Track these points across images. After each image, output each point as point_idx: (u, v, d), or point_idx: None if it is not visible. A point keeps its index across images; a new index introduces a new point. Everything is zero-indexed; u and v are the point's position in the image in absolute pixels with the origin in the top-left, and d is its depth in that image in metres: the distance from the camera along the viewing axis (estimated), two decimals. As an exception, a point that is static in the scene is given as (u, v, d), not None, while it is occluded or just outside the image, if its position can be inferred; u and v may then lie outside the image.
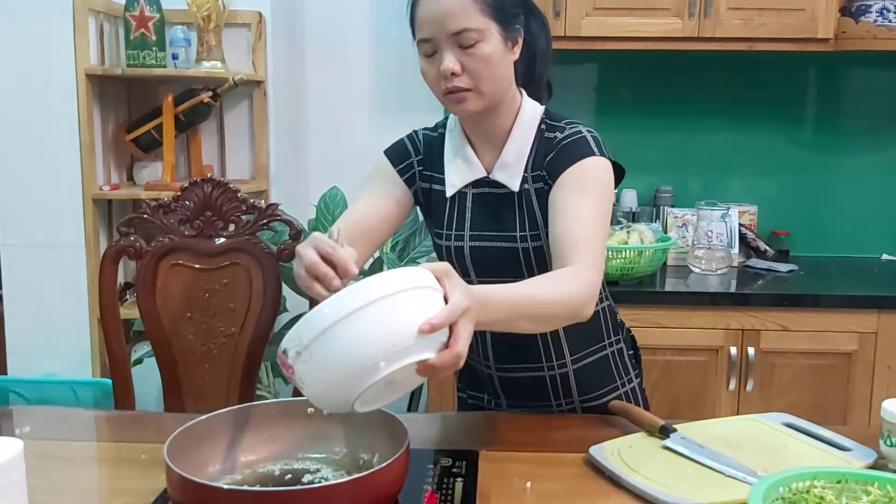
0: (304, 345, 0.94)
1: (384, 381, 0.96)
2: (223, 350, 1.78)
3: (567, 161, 1.31)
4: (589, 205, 1.27)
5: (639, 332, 1.60)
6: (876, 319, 2.30)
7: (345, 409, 0.98)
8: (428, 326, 0.94)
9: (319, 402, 1.02)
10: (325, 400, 1.00)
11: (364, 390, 0.94)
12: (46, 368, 2.53)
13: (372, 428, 1.15)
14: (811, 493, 0.94)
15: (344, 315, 0.93)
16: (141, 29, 2.44)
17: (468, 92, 1.28)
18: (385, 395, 1.01)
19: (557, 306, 1.16)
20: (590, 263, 1.20)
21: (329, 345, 0.93)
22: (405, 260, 2.53)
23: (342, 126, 2.90)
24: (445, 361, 0.96)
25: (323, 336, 0.93)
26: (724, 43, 2.47)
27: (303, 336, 0.94)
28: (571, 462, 1.22)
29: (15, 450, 0.94)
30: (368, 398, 0.98)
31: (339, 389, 0.96)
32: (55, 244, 2.50)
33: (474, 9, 1.24)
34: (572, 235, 1.24)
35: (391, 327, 0.94)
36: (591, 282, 1.19)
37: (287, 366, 0.97)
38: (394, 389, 1.01)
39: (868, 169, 2.82)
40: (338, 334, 0.93)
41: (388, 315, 0.94)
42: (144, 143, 2.58)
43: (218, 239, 1.76)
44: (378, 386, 0.96)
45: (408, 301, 0.96)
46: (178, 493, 1.00)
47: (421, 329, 0.94)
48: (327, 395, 0.98)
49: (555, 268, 1.25)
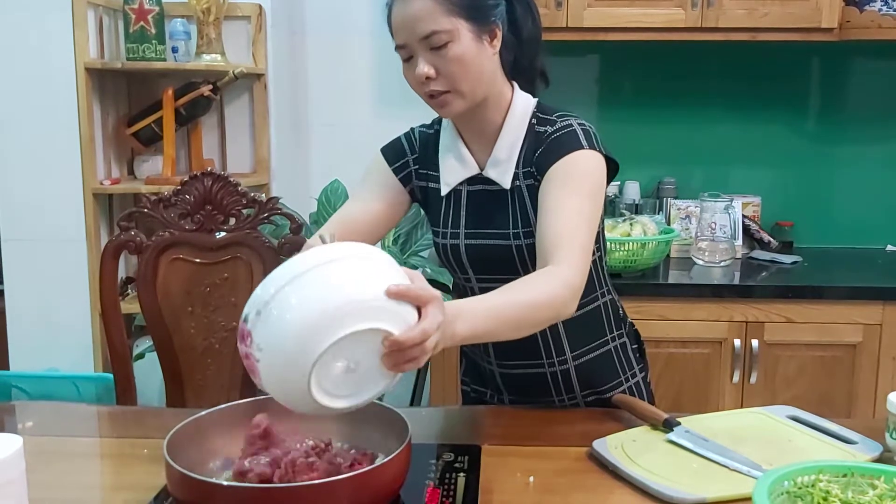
0: (264, 301, 0.91)
1: (345, 362, 0.92)
2: (224, 344, 1.77)
3: (555, 156, 1.28)
4: (574, 200, 1.25)
5: (642, 325, 1.59)
6: (881, 311, 2.28)
7: (301, 387, 0.92)
8: (396, 289, 0.93)
9: (275, 382, 0.94)
10: (281, 376, 0.93)
11: (322, 353, 0.89)
12: (48, 364, 2.53)
13: (373, 422, 1.14)
14: (817, 487, 0.93)
15: (308, 268, 0.91)
16: (140, 22, 2.43)
17: (447, 94, 1.26)
18: (347, 388, 0.96)
19: (536, 310, 1.14)
20: (570, 262, 1.18)
21: (289, 299, 0.90)
22: (407, 254, 2.52)
23: (343, 119, 2.90)
24: (411, 337, 0.93)
25: (282, 291, 0.90)
26: (727, 33, 2.45)
27: (264, 295, 0.91)
28: (575, 456, 1.22)
29: (14, 446, 0.93)
30: (327, 383, 0.93)
31: (297, 351, 0.90)
32: (56, 239, 2.49)
33: (440, 10, 1.22)
34: (555, 233, 1.22)
35: (357, 281, 0.92)
36: (568, 280, 1.17)
37: (246, 334, 0.92)
38: (357, 383, 0.96)
39: (872, 159, 2.81)
40: (297, 288, 0.90)
41: (353, 273, 0.92)
42: (145, 137, 2.57)
43: (218, 233, 1.75)
44: (337, 362, 0.92)
45: (376, 267, 0.95)
46: (177, 489, 0.99)
47: (388, 290, 0.92)
48: (284, 366, 0.91)
49: (538, 266, 1.23)
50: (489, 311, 1.09)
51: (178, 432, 1.07)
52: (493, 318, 1.09)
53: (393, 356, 0.95)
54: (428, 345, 0.95)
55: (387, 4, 1.28)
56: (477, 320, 1.06)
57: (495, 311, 1.10)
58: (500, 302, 1.11)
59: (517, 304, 1.12)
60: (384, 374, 0.97)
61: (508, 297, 1.13)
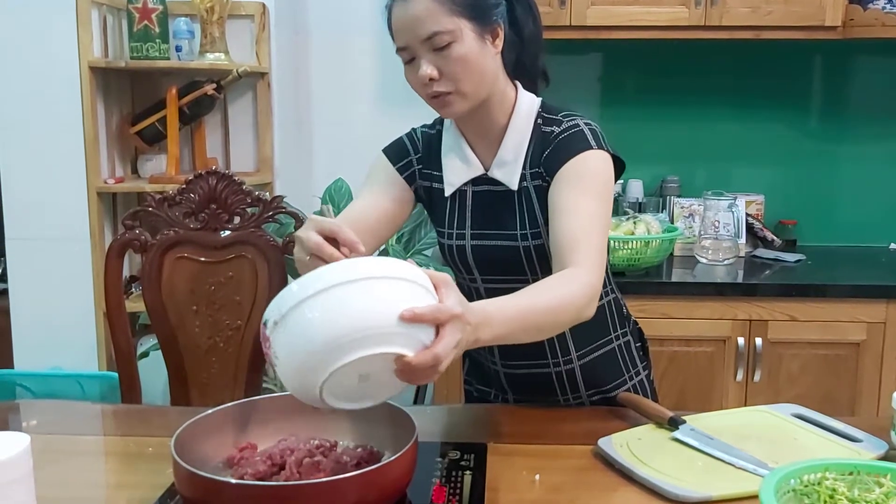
0: (282, 313, 0.92)
1: (357, 374, 0.93)
2: (229, 343, 1.78)
3: (564, 156, 1.28)
4: (587, 201, 1.24)
5: (645, 323, 1.59)
6: (884, 309, 2.28)
7: (313, 394, 0.94)
8: (410, 314, 0.91)
9: (291, 384, 0.96)
10: (295, 381, 0.95)
11: (333, 371, 0.91)
12: (52, 362, 2.53)
13: (380, 421, 1.14)
14: (823, 485, 0.93)
15: (326, 287, 0.91)
16: (144, 21, 2.43)
17: (450, 95, 1.25)
18: (358, 394, 0.98)
19: (558, 313, 1.14)
20: (588, 264, 1.18)
21: (306, 315, 0.90)
22: (411, 252, 2.52)
23: (346, 117, 2.90)
24: (423, 361, 0.92)
25: (300, 306, 0.91)
26: (731, 31, 2.45)
27: (282, 305, 0.92)
28: (580, 454, 1.22)
29: (22, 444, 0.94)
30: (339, 390, 0.95)
31: (309, 367, 0.92)
32: (60, 238, 2.49)
33: (442, 10, 1.21)
34: (570, 235, 1.22)
35: (371, 308, 0.91)
36: (589, 283, 1.17)
37: (265, 338, 0.94)
38: (368, 390, 0.98)
39: (876, 157, 2.81)
40: (315, 305, 0.90)
41: (370, 295, 0.91)
42: (148, 136, 2.58)
43: (223, 232, 1.76)
44: (349, 374, 0.93)
45: (395, 288, 0.93)
46: (185, 487, 0.99)
47: (402, 316, 0.91)
48: (298, 374, 0.93)
49: (554, 268, 1.23)
50: (514, 316, 1.08)
51: (184, 431, 1.07)
52: (518, 322, 1.09)
53: (405, 375, 0.95)
54: (441, 367, 0.95)
55: (386, 7, 1.27)
56: (502, 326, 1.06)
57: (520, 316, 1.09)
58: (524, 307, 1.11)
59: (540, 309, 1.12)
60: (396, 384, 0.98)
61: (532, 301, 1.12)
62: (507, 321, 1.07)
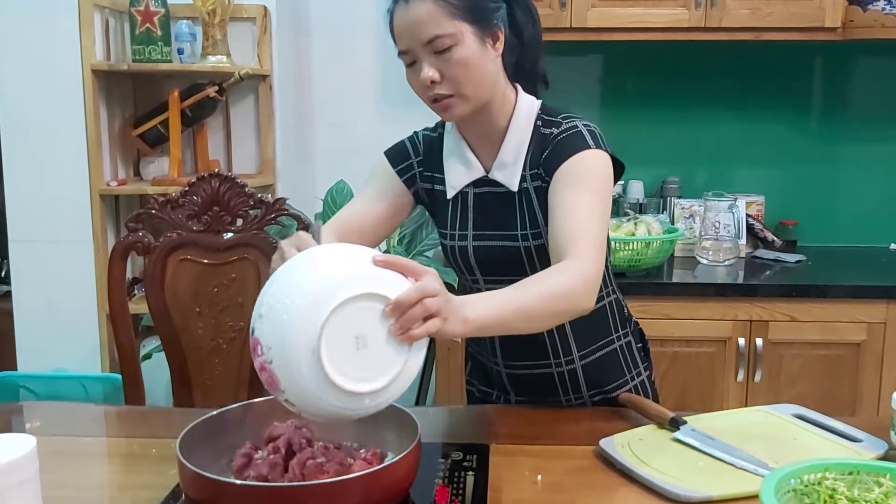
0: (260, 304, 0.96)
1: (352, 335, 0.95)
2: (232, 345, 1.78)
3: (562, 156, 1.29)
4: (585, 199, 1.25)
5: (646, 324, 1.59)
6: (885, 309, 2.29)
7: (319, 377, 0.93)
8: (381, 257, 0.97)
9: (292, 376, 0.94)
10: (296, 369, 0.93)
11: (325, 323, 0.92)
12: (56, 364, 2.54)
13: (383, 422, 1.14)
14: (823, 485, 0.94)
15: (292, 263, 0.98)
16: (146, 24, 2.44)
17: (451, 98, 1.26)
18: (364, 366, 0.96)
19: (551, 300, 1.14)
20: (585, 255, 1.18)
21: (281, 289, 0.96)
22: (412, 253, 2.53)
23: (348, 120, 2.90)
24: (409, 296, 0.96)
25: (273, 285, 0.97)
26: (731, 33, 2.46)
27: (259, 300, 0.97)
28: (582, 455, 1.22)
29: (29, 446, 0.94)
30: (343, 363, 0.94)
31: (301, 332, 0.92)
32: (63, 240, 2.50)
33: (443, 14, 1.22)
34: (569, 231, 1.22)
35: (342, 261, 0.98)
36: (584, 272, 1.17)
37: (255, 346, 0.96)
38: (373, 361, 0.97)
39: (876, 158, 2.81)
40: (287, 278, 0.96)
41: (337, 254, 0.99)
42: (151, 139, 2.58)
43: (226, 234, 1.76)
44: (344, 334, 0.94)
45: (360, 248, 1.01)
46: (191, 488, 1.00)
47: (374, 259, 0.97)
48: (293, 349, 0.92)
49: (553, 264, 1.23)
50: (502, 300, 1.10)
51: (189, 432, 1.08)
52: (507, 306, 1.10)
53: (395, 313, 0.97)
54: (430, 304, 0.98)
55: (388, 10, 1.28)
56: (489, 308, 1.07)
57: (509, 300, 1.10)
58: (513, 292, 1.12)
59: (531, 294, 1.13)
60: (397, 348, 0.99)
61: (522, 288, 1.14)
62: (495, 304, 1.09)
